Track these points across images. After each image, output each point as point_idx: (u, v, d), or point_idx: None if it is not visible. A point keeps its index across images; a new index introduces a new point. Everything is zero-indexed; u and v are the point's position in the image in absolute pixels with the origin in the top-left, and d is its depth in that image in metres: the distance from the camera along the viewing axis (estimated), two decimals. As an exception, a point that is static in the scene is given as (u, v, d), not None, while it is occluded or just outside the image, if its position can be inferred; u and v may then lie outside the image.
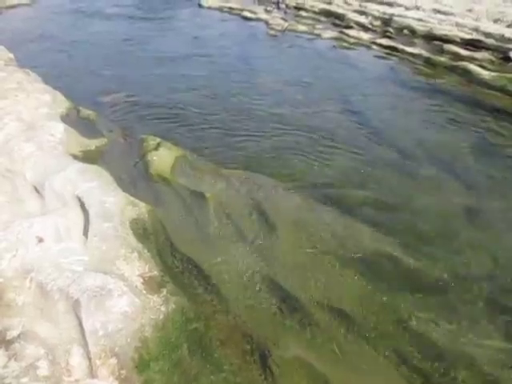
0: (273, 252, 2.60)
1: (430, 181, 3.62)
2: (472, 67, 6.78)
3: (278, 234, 2.75)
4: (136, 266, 2.30)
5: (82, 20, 10.24)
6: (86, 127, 4.16)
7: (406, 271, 2.54)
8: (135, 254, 2.36)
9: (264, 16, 11.07)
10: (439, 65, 7.21)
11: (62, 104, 4.67)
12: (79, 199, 2.79)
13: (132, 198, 2.86)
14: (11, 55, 6.29)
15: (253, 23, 10.53)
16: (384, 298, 2.31)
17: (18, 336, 1.90)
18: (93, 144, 3.79)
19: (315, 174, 3.64)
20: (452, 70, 6.93)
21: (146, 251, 2.43)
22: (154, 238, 2.61)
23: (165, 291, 2.17)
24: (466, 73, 6.67)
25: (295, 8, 12.53)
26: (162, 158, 3.56)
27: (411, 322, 2.17)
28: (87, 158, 3.52)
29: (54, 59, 6.92)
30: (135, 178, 3.33)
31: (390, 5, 11.29)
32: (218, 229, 2.78)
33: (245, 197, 3.17)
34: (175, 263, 2.44)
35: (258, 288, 2.31)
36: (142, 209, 2.78)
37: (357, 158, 4.00)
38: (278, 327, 2.10)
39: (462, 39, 8.01)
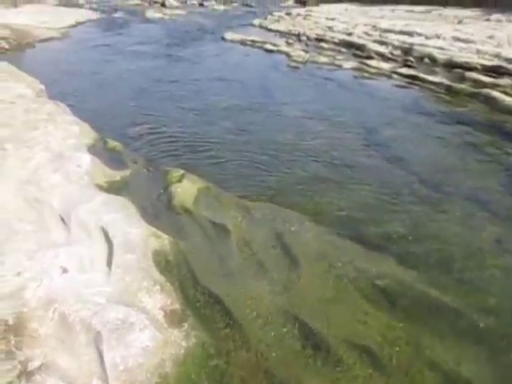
0: (296, 287, 2.55)
1: (456, 211, 3.54)
2: (495, 94, 6.72)
3: (301, 268, 2.71)
4: (158, 299, 2.29)
5: (109, 54, 10.64)
6: (111, 158, 4.25)
7: (434, 307, 2.45)
8: (157, 287, 2.36)
9: (285, 48, 11.31)
10: (461, 92, 7.19)
11: (89, 135, 4.79)
12: (103, 230, 2.82)
13: (155, 230, 2.87)
14: (42, 87, 6.54)
15: (274, 55, 10.75)
16: (411, 336, 2.23)
17: (39, 367, 1.89)
18: (118, 175, 3.86)
19: (339, 206, 3.60)
20: (474, 97, 6.89)
21: (168, 284, 2.42)
22: (176, 270, 2.61)
23: (186, 325, 2.14)
24: (489, 99, 6.62)
25: (316, 40, 12.78)
26: (186, 189, 3.59)
27: (440, 363, 2.07)
28: (112, 188, 3.58)
29: (83, 91, 7.17)
30: (159, 209, 3.35)
31: (410, 34, 11.41)
32: (240, 262, 2.75)
33: (268, 229, 3.15)
34: (197, 296, 2.42)
35: (280, 324, 2.26)
36: (164, 240, 2.79)
37: (381, 188, 3.95)
38: (301, 365, 2.03)
39: (483, 66, 7.98)
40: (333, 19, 16.35)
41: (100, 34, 15.51)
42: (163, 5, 31.79)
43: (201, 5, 34.05)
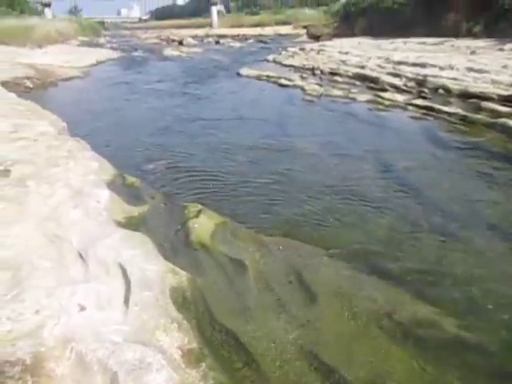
0: (315, 324, 2.50)
1: (477, 245, 3.46)
2: (512, 123, 6.67)
3: (319, 304, 2.66)
4: (175, 338, 2.26)
5: (128, 92, 10.97)
6: (129, 194, 4.30)
7: (457, 345, 2.37)
8: (175, 325, 2.34)
9: (300, 83, 11.50)
10: (477, 122, 7.14)
11: (108, 171, 4.87)
12: (121, 266, 2.83)
13: (172, 266, 2.87)
14: (64, 124, 6.74)
15: (289, 90, 10.93)
16: (433, 376, 2.14)
17: (56, 409, 1.87)
18: (136, 211, 3.90)
19: (356, 240, 3.57)
20: (491, 127, 6.84)
21: (185, 322, 2.39)
22: (193, 307, 2.59)
23: (203, 365, 2.10)
24: (507, 129, 6.56)
25: (330, 73, 12.98)
26: (203, 225, 3.60)
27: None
28: (130, 224, 3.61)
29: (103, 128, 7.37)
30: (176, 245, 3.36)
31: (423, 66, 11.51)
32: (257, 299, 2.72)
33: (285, 265, 3.13)
34: (214, 335, 2.39)
35: (299, 363, 2.20)
36: (182, 277, 2.78)
37: (399, 221, 3.91)
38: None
39: (499, 96, 7.96)
40: (346, 53, 16.63)
41: (120, 72, 16.06)
42: (181, 43, 32.86)
43: (217, 42, 35.09)
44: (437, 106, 8.10)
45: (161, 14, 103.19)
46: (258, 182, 4.88)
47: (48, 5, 58.68)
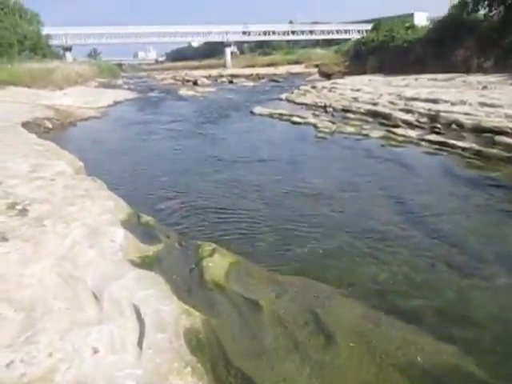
0: (332, 367, 2.42)
1: (498, 284, 3.36)
2: (529, 157, 6.62)
3: (336, 345, 2.58)
4: (189, 382, 2.21)
5: (144, 132, 11.22)
6: (144, 233, 4.32)
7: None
8: (188, 369, 2.28)
9: (312, 120, 11.64)
10: (493, 157, 7.09)
11: (124, 210, 4.92)
12: (135, 307, 2.81)
13: (187, 307, 2.84)
14: (81, 164, 6.89)
15: (302, 127, 11.06)
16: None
17: None
18: (150, 250, 3.90)
19: (374, 279, 3.50)
20: (507, 161, 6.78)
21: (199, 365, 2.34)
22: (207, 350, 2.53)
23: (218, 412, 2.04)
24: (523, 163, 6.51)
25: (342, 110, 13.14)
26: (217, 264, 3.58)
27: None
28: (145, 264, 3.60)
29: (119, 167, 7.50)
30: (190, 285, 3.33)
31: (435, 101, 11.58)
32: (273, 341, 2.66)
33: (301, 305, 3.07)
34: (229, 379, 2.32)
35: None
36: (196, 318, 2.74)
37: (417, 259, 3.84)
38: None
39: (513, 129, 7.93)
40: (357, 90, 16.86)
41: (136, 113, 16.50)
42: (195, 83, 33.79)
43: (230, 82, 35.99)
44: (450, 141, 8.09)
45: (176, 56, 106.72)
46: (272, 220, 4.87)
47: (69, 49, 61.29)
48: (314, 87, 20.61)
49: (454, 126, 9.33)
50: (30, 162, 6.41)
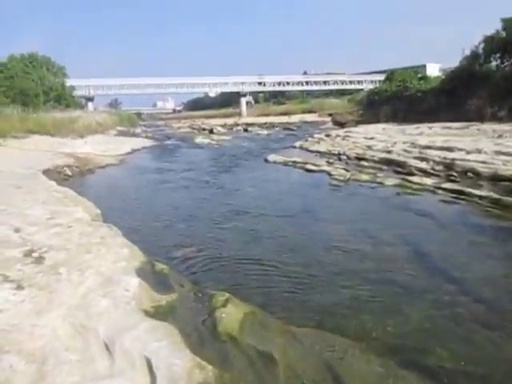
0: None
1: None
2: (549, 204, 6.49)
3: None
4: None
5: (160, 179, 11.40)
6: (158, 281, 4.29)
7: None
8: (200, 428, 2.19)
9: (326, 168, 11.71)
10: (511, 206, 6.98)
11: (138, 258, 4.91)
12: (147, 360, 2.74)
13: (199, 360, 2.76)
14: (98, 211, 6.98)
15: (316, 175, 11.11)
16: None
17: None
18: (164, 299, 3.85)
19: (390, 330, 3.39)
20: (527, 210, 6.67)
21: (211, 424, 2.25)
22: (220, 407, 2.44)
23: None
24: (544, 212, 6.38)
25: (356, 158, 13.22)
26: (231, 315, 3.51)
27: None
28: (158, 313, 3.55)
29: (135, 215, 7.56)
30: (203, 336, 3.26)
31: (450, 150, 11.61)
32: (288, 398, 2.55)
33: (316, 358, 2.96)
34: None
35: None
36: (209, 372, 2.66)
37: (433, 310, 3.72)
38: None
39: (531, 178, 7.85)
40: (371, 138, 17.04)
41: (153, 160, 16.85)
42: (211, 132, 34.55)
43: (245, 130, 36.73)
44: (467, 190, 8.00)
45: (193, 105, 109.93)
46: (286, 269, 4.80)
47: (91, 99, 63.79)
48: (327, 135, 20.90)
49: (470, 175, 9.30)
50: (49, 209, 6.53)
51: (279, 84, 74.62)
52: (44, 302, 3.38)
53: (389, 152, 13.07)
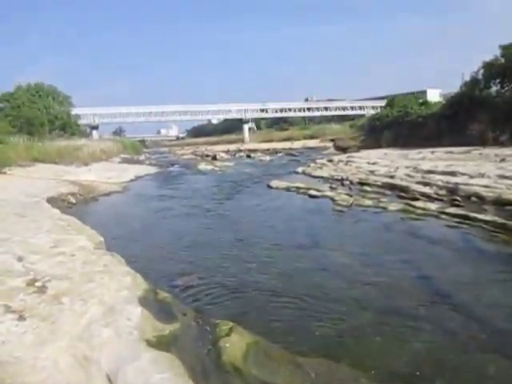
0: None
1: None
2: (555, 229, 6.43)
3: None
4: None
5: (163, 207, 11.40)
6: (161, 310, 4.25)
7: None
8: None
9: (329, 193, 11.70)
10: (517, 230, 6.92)
11: (141, 286, 4.88)
12: (150, 392, 2.69)
13: (203, 393, 2.71)
14: (101, 239, 6.96)
15: (319, 200, 11.10)
16: None
17: None
18: (167, 329, 3.81)
19: (397, 361, 3.33)
20: (533, 234, 6.61)
21: None
22: None
23: None
24: (550, 236, 6.32)
25: (359, 183, 13.23)
26: (235, 344, 3.46)
27: None
28: (161, 344, 3.50)
29: (138, 242, 7.55)
30: (207, 367, 3.20)
31: (453, 174, 11.61)
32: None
33: (323, 390, 2.90)
34: None
35: None
36: (213, 405, 2.61)
37: (442, 338, 3.66)
38: None
39: (536, 202, 7.80)
40: (374, 163, 17.10)
41: (156, 187, 16.91)
42: (214, 158, 34.75)
43: (248, 156, 36.92)
44: (471, 214, 7.94)
45: (197, 132, 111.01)
46: (291, 296, 4.75)
47: (96, 127, 64.60)
48: (330, 161, 20.98)
49: (473, 199, 9.27)
50: (53, 237, 6.53)
51: (281, 110, 75.49)
52: (46, 333, 3.34)
53: (391, 177, 13.08)
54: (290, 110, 75.65)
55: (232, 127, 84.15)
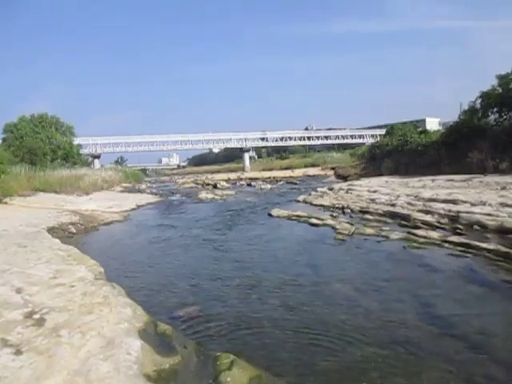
0: None
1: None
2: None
3: None
4: None
5: (163, 237, 11.33)
6: (161, 343, 4.16)
7: None
8: None
9: (330, 221, 11.65)
10: (521, 260, 6.85)
11: (141, 318, 4.80)
12: (149, 431, 2.60)
13: (204, 432, 2.62)
14: (101, 269, 6.89)
15: (320, 229, 11.04)
16: None
17: None
18: (167, 362, 3.73)
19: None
20: (538, 263, 6.54)
21: None
22: None
23: None
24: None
25: (360, 211, 13.21)
26: (236, 379, 3.38)
27: None
28: (161, 378, 3.43)
29: (138, 272, 7.47)
30: (208, 404, 3.12)
31: (455, 202, 11.61)
32: None
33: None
34: None
35: None
36: None
37: (449, 373, 3.56)
38: None
39: (539, 231, 7.77)
40: (375, 191, 17.12)
41: (156, 217, 16.88)
42: (215, 186, 34.88)
43: (249, 185, 37.07)
44: (474, 243, 7.88)
45: (198, 161, 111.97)
46: (293, 328, 4.67)
47: (97, 157, 65.25)
48: (330, 189, 21.03)
49: (476, 227, 9.23)
50: (52, 268, 6.47)
51: (281, 139, 76.33)
52: (43, 368, 3.27)
53: (393, 205, 13.07)
54: (290, 138, 76.53)
55: (233, 156, 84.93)
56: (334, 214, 13.09)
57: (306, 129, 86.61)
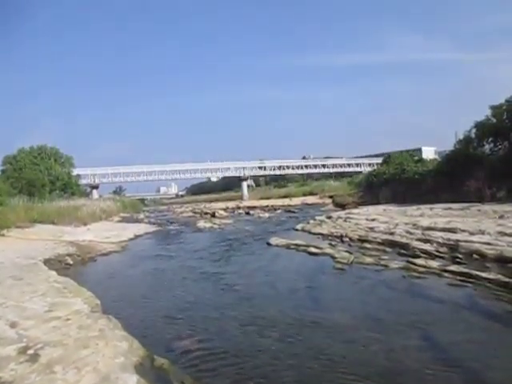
0: None
1: None
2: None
3: None
4: None
5: (161, 267, 11.25)
6: (158, 378, 4.09)
7: None
8: None
9: (329, 250, 11.59)
10: (522, 288, 6.78)
11: (137, 352, 4.72)
12: None
13: None
14: (98, 302, 6.81)
15: (319, 258, 10.98)
16: None
17: None
18: (164, 400, 3.64)
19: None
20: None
21: None
22: None
23: None
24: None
25: (359, 240, 13.16)
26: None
27: None
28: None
29: (134, 304, 7.38)
30: None
31: (453, 231, 11.58)
32: None
33: None
34: None
35: None
36: None
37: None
38: None
39: (538, 259, 7.72)
40: (373, 220, 17.09)
41: (154, 246, 16.80)
42: (213, 215, 34.82)
43: (247, 213, 37.04)
44: (474, 272, 7.80)
45: (196, 190, 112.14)
46: (292, 361, 4.58)
47: (96, 187, 65.41)
48: (329, 217, 20.98)
49: (475, 256, 9.17)
50: (48, 301, 6.39)
51: (279, 168, 76.86)
52: (36, 408, 3.18)
53: (391, 234, 13.03)
54: (287, 167, 77.09)
55: (231, 184, 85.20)
56: (333, 243, 13.04)
57: (304, 158, 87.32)
